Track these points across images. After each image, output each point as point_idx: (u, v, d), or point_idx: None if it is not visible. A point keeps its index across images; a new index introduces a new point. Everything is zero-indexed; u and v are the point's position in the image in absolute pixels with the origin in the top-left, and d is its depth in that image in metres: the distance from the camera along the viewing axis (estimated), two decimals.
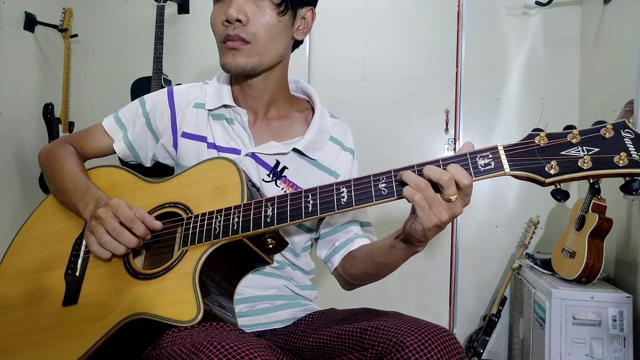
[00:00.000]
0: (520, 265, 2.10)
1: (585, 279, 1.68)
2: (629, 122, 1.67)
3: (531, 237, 2.15)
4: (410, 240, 0.82)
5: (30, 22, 2.32)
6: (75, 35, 2.50)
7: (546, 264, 1.91)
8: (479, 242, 2.28)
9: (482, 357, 2.14)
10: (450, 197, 0.72)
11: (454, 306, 2.30)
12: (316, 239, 1.08)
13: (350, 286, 1.06)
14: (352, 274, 1.02)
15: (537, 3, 2.18)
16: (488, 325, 2.15)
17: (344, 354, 0.82)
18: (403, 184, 0.74)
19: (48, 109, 2.37)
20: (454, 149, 2.29)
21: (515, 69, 2.28)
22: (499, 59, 2.29)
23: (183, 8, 2.46)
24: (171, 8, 2.44)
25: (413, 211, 0.78)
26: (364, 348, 0.79)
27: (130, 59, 2.54)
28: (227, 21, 0.91)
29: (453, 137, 2.30)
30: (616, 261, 1.84)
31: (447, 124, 2.30)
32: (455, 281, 2.29)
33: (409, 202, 0.74)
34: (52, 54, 2.49)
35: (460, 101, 2.29)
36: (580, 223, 1.77)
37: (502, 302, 2.17)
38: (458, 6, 2.30)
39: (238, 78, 1.01)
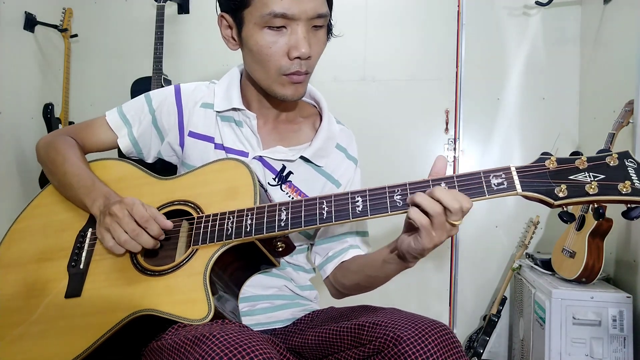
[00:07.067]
0: (520, 265, 2.09)
1: (585, 279, 1.67)
2: (629, 122, 1.67)
3: (531, 237, 2.15)
4: (405, 257, 0.83)
5: (30, 22, 2.32)
6: (75, 35, 2.50)
7: (546, 264, 1.90)
8: (479, 242, 2.28)
9: (482, 357, 2.14)
10: (455, 223, 0.73)
11: (454, 306, 2.30)
12: (312, 245, 1.07)
13: (341, 295, 1.06)
14: (344, 284, 1.02)
15: (537, 3, 2.18)
16: (488, 325, 2.15)
17: (343, 350, 0.83)
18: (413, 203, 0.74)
19: (48, 109, 2.36)
20: (454, 149, 2.29)
21: (515, 69, 2.27)
22: (499, 59, 2.28)
23: (183, 8, 2.46)
24: (171, 8, 2.44)
25: (408, 230, 0.79)
26: (362, 344, 0.79)
27: (130, 59, 2.53)
28: (297, 57, 0.88)
29: (453, 137, 2.29)
30: (616, 261, 1.83)
31: (447, 124, 2.30)
32: (455, 281, 2.29)
33: (414, 224, 0.74)
34: (52, 54, 2.48)
35: (460, 101, 2.29)
36: (580, 223, 1.77)
37: (502, 302, 2.17)
38: (458, 6, 2.30)
39: (255, 86, 1.00)
